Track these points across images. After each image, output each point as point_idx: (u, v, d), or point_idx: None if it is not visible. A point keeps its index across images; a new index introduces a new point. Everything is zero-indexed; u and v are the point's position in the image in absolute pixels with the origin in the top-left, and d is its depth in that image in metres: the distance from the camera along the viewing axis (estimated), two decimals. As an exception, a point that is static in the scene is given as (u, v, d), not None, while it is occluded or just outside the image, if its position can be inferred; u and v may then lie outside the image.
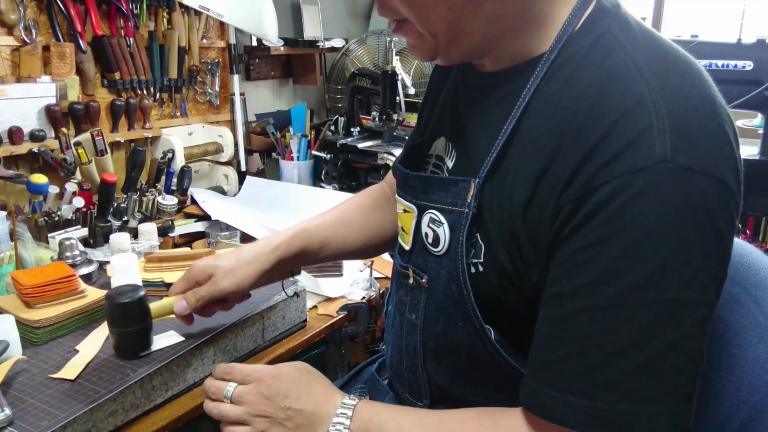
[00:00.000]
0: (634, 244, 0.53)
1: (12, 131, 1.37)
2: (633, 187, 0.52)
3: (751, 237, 1.84)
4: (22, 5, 1.38)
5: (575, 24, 0.62)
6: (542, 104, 0.61)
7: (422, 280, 0.71)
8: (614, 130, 0.54)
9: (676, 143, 0.53)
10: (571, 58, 0.61)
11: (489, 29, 0.64)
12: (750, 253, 0.80)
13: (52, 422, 0.74)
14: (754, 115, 2.00)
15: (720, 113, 0.57)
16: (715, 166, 0.54)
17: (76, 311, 0.98)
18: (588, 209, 0.55)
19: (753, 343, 0.72)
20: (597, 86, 0.57)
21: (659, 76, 0.56)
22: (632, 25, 0.62)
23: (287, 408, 0.72)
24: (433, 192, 0.70)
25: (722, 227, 0.55)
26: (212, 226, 1.51)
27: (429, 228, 0.70)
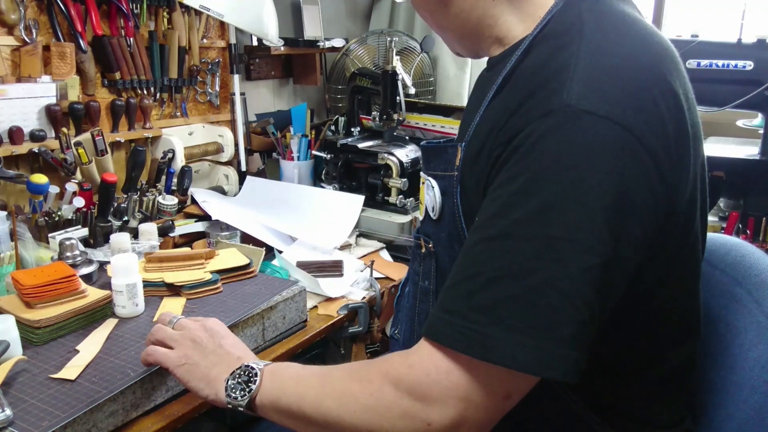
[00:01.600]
0: (531, 179, 0.56)
1: (12, 131, 1.36)
2: (540, 129, 0.57)
3: (752, 237, 1.84)
4: (23, 5, 1.38)
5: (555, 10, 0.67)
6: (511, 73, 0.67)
7: (429, 246, 0.76)
8: (541, 86, 0.60)
9: (583, 91, 0.57)
10: (545, 38, 0.66)
11: (463, 23, 0.73)
12: (752, 254, 0.80)
13: (52, 422, 0.74)
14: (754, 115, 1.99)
15: (653, 81, 0.60)
16: (623, 115, 0.56)
17: (76, 311, 0.98)
18: (507, 153, 0.59)
19: (754, 343, 0.72)
20: (545, 55, 0.63)
21: (596, 40, 0.61)
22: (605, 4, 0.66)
23: (219, 345, 0.79)
24: (431, 161, 0.76)
25: (627, 177, 0.56)
26: (212, 226, 1.51)
27: (427, 195, 0.76)
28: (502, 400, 0.59)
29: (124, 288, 1.01)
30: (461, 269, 0.61)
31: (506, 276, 0.56)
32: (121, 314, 1.02)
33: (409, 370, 0.61)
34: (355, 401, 0.63)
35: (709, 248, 0.86)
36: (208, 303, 1.08)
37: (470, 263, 0.60)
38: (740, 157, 1.82)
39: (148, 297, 1.08)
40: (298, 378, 0.70)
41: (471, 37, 0.75)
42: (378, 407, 0.61)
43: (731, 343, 0.76)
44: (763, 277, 0.76)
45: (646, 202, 0.58)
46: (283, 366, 0.74)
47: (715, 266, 0.83)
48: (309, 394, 0.67)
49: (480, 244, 0.59)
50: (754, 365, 0.70)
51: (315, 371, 0.70)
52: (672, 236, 0.64)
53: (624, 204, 0.56)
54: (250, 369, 0.73)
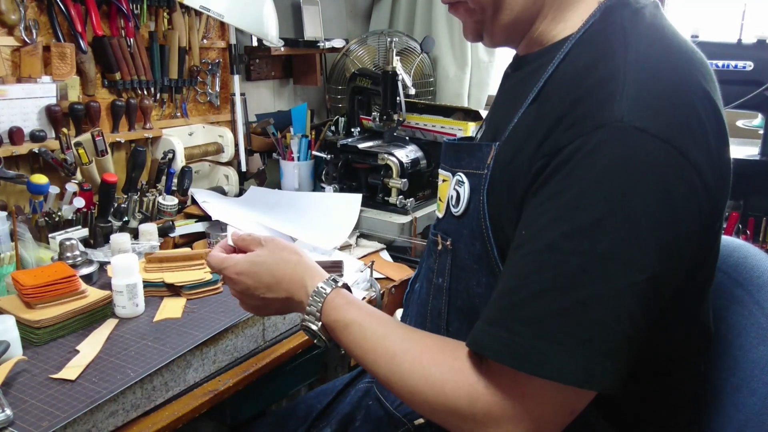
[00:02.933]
0: (579, 193, 0.56)
1: (12, 131, 1.36)
2: (590, 144, 0.56)
3: (752, 237, 1.84)
4: (23, 5, 1.38)
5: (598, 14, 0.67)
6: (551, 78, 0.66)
7: (447, 243, 0.76)
8: (587, 95, 0.59)
9: (635, 107, 0.56)
10: (583, 41, 0.66)
11: (527, 6, 0.70)
12: (754, 256, 0.80)
13: (52, 422, 0.74)
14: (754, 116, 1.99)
15: (697, 96, 0.60)
16: (673, 134, 0.56)
17: (76, 311, 0.98)
18: (553, 166, 0.58)
19: (754, 344, 0.72)
20: (588, 62, 0.62)
21: (642, 52, 0.61)
22: (645, 16, 0.66)
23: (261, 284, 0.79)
24: (463, 158, 0.75)
25: (676, 196, 0.56)
26: (213, 227, 1.51)
27: (454, 190, 0.75)
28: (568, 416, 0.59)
29: (124, 288, 1.01)
30: (507, 282, 0.60)
31: (552, 289, 0.56)
32: (121, 314, 1.02)
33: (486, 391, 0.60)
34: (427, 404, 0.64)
35: None
36: (208, 303, 1.08)
37: (517, 274, 0.59)
38: (740, 157, 1.82)
39: (148, 297, 1.08)
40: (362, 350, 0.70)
41: (520, 25, 0.72)
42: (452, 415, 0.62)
43: (731, 344, 0.76)
44: (764, 278, 0.76)
45: (693, 220, 0.58)
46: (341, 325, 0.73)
47: (717, 268, 0.83)
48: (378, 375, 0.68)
49: (527, 256, 0.59)
50: (754, 367, 0.70)
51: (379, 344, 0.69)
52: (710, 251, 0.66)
53: (672, 223, 0.56)
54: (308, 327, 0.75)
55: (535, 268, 0.58)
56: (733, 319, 0.77)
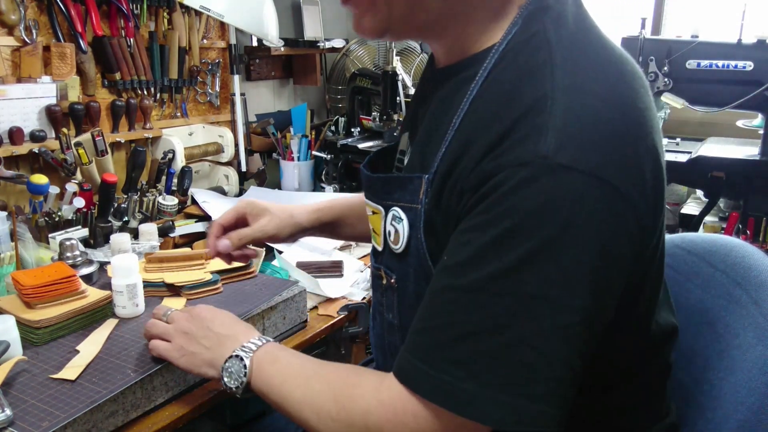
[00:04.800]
0: (504, 234, 0.54)
1: (12, 131, 1.37)
2: (513, 180, 0.54)
3: (752, 237, 1.84)
4: (23, 5, 1.38)
5: (520, 20, 0.63)
6: (477, 101, 0.62)
7: (392, 280, 0.73)
8: (514, 126, 0.56)
9: (562, 141, 0.53)
10: (506, 56, 0.62)
11: (448, 8, 0.64)
12: (752, 255, 0.80)
13: (52, 423, 0.75)
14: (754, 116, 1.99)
15: (629, 117, 0.57)
16: (603, 168, 0.54)
17: (76, 311, 0.98)
18: (478, 196, 0.57)
19: (752, 344, 0.72)
20: (513, 83, 0.59)
21: (569, 73, 0.57)
22: (568, 22, 0.62)
23: (208, 329, 0.82)
24: (394, 191, 0.71)
25: (605, 232, 0.54)
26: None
27: (391, 226, 0.71)
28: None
29: (124, 288, 1.01)
30: (432, 315, 0.59)
31: (481, 331, 0.55)
32: (121, 314, 1.02)
33: (378, 406, 0.62)
34: (332, 421, 0.65)
35: (710, 249, 0.86)
36: (208, 303, 1.08)
37: (442, 311, 0.58)
38: (740, 157, 1.82)
39: (149, 297, 1.08)
40: (283, 379, 0.72)
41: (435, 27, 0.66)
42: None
43: (730, 344, 0.76)
44: (762, 278, 0.76)
45: (624, 254, 0.57)
46: (270, 357, 0.75)
47: (716, 267, 0.83)
48: (291, 400, 0.70)
49: (451, 292, 0.58)
50: (753, 367, 0.70)
51: (300, 371, 0.72)
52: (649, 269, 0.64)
53: (602, 258, 0.55)
54: (239, 360, 0.76)
55: (461, 307, 0.56)
56: (731, 319, 0.77)
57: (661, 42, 1.86)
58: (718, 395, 0.74)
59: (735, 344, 0.74)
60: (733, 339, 0.75)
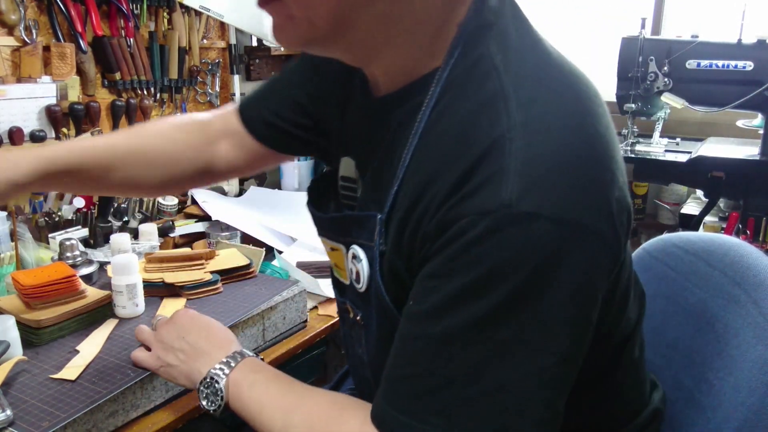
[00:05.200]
0: (473, 283, 0.52)
1: (12, 131, 1.37)
2: (477, 230, 0.51)
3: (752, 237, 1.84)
4: (23, 5, 1.38)
5: (461, 41, 0.59)
6: (427, 135, 0.59)
7: (357, 318, 0.71)
8: (472, 169, 0.53)
9: (525, 186, 0.51)
10: (452, 84, 0.58)
11: (380, 29, 0.58)
12: (750, 254, 0.80)
13: (52, 422, 0.75)
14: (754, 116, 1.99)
15: (594, 148, 0.54)
16: (569, 209, 0.51)
17: (76, 312, 0.98)
18: (441, 242, 0.54)
19: (752, 344, 0.72)
20: (466, 119, 0.56)
21: (524, 106, 0.54)
22: (512, 41, 0.59)
23: (183, 339, 0.79)
24: (352, 230, 0.67)
25: (578, 272, 0.53)
26: (213, 227, 1.51)
27: (352, 264, 0.67)
28: None
29: (124, 288, 1.01)
30: (406, 363, 0.57)
31: (458, 380, 0.54)
32: (121, 314, 1.02)
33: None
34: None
35: (708, 248, 0.86)
36: (208, 303, 1.08)
37: (416, 360, 0.56)
38: (740, 157, 1.82)
39: (148, 297, 1.08)
40: (261, 407, 0.70)
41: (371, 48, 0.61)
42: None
43: (729, 343, 0.76)
44: (761, 277, 0.76)
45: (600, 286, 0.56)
46: (248, 381, 0.72)
47: (714, 266, 0.83)
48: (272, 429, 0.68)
49: (423, 341, 0.56)
50: (753, 366, 0.70)
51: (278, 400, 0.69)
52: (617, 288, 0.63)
53: (577, 300, 0.54)
54: (214, 382, 0.73)
55: (435, 355, 0.55)
56: (730, 318, 0.77)
57: (661, 42, 1.86)
58: (718, 395, 0.74)
59: (734, 344, 0.75)
60: (732, 338, 0.75)
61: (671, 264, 0.90)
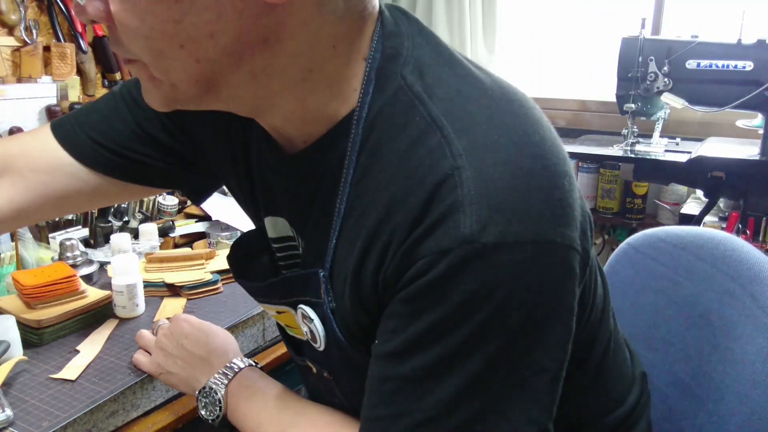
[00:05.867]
0: (439, 321, 0.50)
1: (12, 132, 1.37)
2: (438, 269, 0.49)
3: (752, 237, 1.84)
4: (23, 5, 1.38)
5: (372, 76, 0.55)
6: (360, 180, 0.56)
7: (324, 374, 0.67)
8: (424, 209, 0.50)
9: (484, 217, 0.48)
10: (375, 123, 0.55)
11: (260, 85, 0.53)
12: (741, 248, 0.80)
13: (52, 422, 0.75)
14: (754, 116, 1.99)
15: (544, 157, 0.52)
16: (534, 228, 0.49)
17: (76, 312, 0.98)
18: (400, 284, 0.52)
19: (752, 337, 0.72)
20: (402, 158, 0.52)
21: (463, 132, 0.51)
22: (426, 65, 0.55)
23: (182, 347, 0.79)
24: (294, 289, 0.63)
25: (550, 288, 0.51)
26: (213, 227, 1.51)
27: (304, 325, 0.63)
28: None
29: (124, 288, 1.01)
30: (380, 403, 0.55)
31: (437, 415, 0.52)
32: (121, 314, 1.02)
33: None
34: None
35: (697, 242, 0.86)
36: (208, 303, 1.08)
37: (390, 401, 0.54)
38: (740, 157, 1.82)
39: (149, 297, 1.08)
40: (258, 422, 0.69)
41: (259, 104, 0.56)
42: None
43: (727, 335, 0.76)
44: (755, 271, 0.76)
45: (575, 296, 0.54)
46: (247, 392, 0.72)
47: (705, 260, 0.83)
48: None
49: (394, 382, 0.54)
50: (755, 359, 0.70)
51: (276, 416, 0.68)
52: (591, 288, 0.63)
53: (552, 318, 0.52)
54: (213, 392, 0.72)
55: (409, 396, 0.53)
56: (726, 312, 0.77)
57: (660, 42, 1.86)
58: (718, 388, 0.74)
59: (732, 337, 0.75)
60: (730, 331, 0.76)
61: (659, 258, 0.90)
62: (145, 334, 0.86)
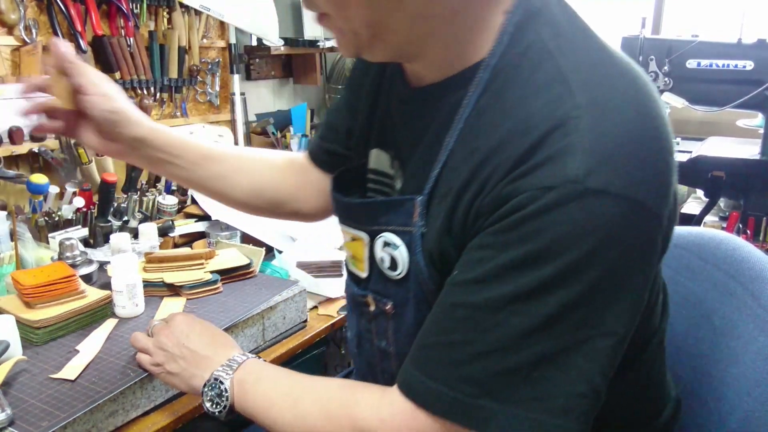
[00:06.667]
0: (526, 256, 0.52)
1: (12, 131, 1.37)
2: (538, 203, 0.51)
3: (752, 237, 1.84)
4: (23, 5, 1.38)
5: (510, 29, 0.59)
6: (477, 118, 0.59)
7: (386, 307, 0.69)
8: (535, 147, 0.53)
9: (592, 164, 0.51)
10: (503, 70, 0.58)
11: (416, 28, 0.60)
12: (742, 248, 0.81)
13: (52, 422, 0.74)
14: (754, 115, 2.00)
15: (652, 128, 0.55)
16: (635, 188, 0.52)
17: (76, 311, 0.98)
18: (495, 217, 0.54)
19: (753, 336, 0.72)
20: (524, 102, 0.56)
21: (588, 89, 0.54)
22: (563, 28, 0.59)
23: (183, 345, 0.78)
24: (380, 215, 0.66)
25: (634, 251, 0.53)
26: (212, 226, 1.51)
27: (384, 252, 0.66)
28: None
29: (124, 288, 1.01)
30: (442, 330, 0.58)
31: (497, 350, 0.54)
32: (121, 314, 1.02)
33: (380, 425, 0.60)
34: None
35: (698, 242, 0.86)
36: (208, 303, 1.08)
37: (454, 328, 0.56)
38: (740, 157, 1.82)
39: (148, 297, 1.08)
40: (270, 401, 0.70)
41: (409, 47, 0.62)
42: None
43: (728, 335, 0.76)
44: (756, 270, 0.76)
45: (654, 267, 0.57)
46: (253, 377, 0.72)
47: (706, 260, 0.83)
48: (281, 423, 0.68)
49: (464, 309, 0.56)
50: (756, 358, 0.70)
51: (287, 391, 0.69)
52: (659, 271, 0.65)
53: (630, 280, 0.54)
54: (219, 383, 0.72)
55: (476, 325, 0.55)
56: (727, 311, 0.77)
57: (661, 41, 1.86)
58: (719, 387, 0.74)
59: (735, 335, 0.75)
60: (731, 330, 0.76)
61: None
62: (140, 337, 0.85)
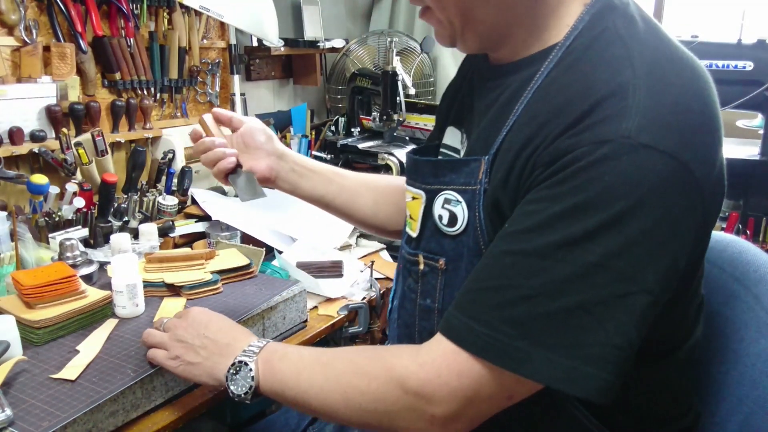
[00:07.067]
0: (576, 206, 0.56)
1: (12, 131, 1.37)
2: (592, 156, 0.55)
3: (752, 237, 1.84)
4: (23, 5, 1.38)
5: (586, 18, 0.65)
6: (545, 89, 0.64)
7: (438, 264, 0.73)
8: (593, 108, 0.57)
9: (644, 123, 0.56)
10: (576, 50, 0.64)
11: (500, 16, 0.67)
12: (747, 250, 0.81)
13: (52, 422, 0.74)
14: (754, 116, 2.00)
15: (703, 104, 0.60)
16: (682, 150, 0.56)
17: (76, 312, 0.98)
18: (550, 171, 0.58)
19: (755, 338, 0.72)
20: (587, 73, 0.61)
21: (648, 64, 0.59)
22: (637, 21, 0.64)
23: (204, 336, 0.80)
24: (444, 175, 0.72)
25: (676, 213, 0.56)
26: (213, 227, 1.51)
27: (444, 209, 0.72)
28: (505, 400, 0.62)
29: (124, 288, 1.01)
30: (488, 276, 0.61)
31: (540, 295, 0.57)
32: (121, 314, 1.02)
33: (419, 369, 0.63)
34: (361, 396, 0.66)
35: None
36: (208, 303, 1.08)
37: (500, 274, 0.60)
38: (740, 157, 1.82)
39: (149, 297, 1.08)
40: (298, 371, 0.72)
41: (494, 34, 0.70)
42: (384, 402, 0.65)
43: (731, 338, 0.76)
44: (761, 273, 0.76)
45: (692, 232, 0.59)
46: (278, 355, 0.74)
47: (713, 263, 0.83)
48: (313, 388, 0.69)
49: (512, 256, 0.59)
50: (756, 360, 0.70)
51: (315, 359, 0.72)
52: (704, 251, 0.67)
53: (670, 237, 0.57)
54: (243, 365, 0.74)
55: (522, 270, 0.58)
56: (731, 314, 0.78)
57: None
58: (721, 389, 0.74)
59: (737, 338, 0.75)
60: (734, 333, 0.76)
61: None
62: (155, 332, 0.86)
